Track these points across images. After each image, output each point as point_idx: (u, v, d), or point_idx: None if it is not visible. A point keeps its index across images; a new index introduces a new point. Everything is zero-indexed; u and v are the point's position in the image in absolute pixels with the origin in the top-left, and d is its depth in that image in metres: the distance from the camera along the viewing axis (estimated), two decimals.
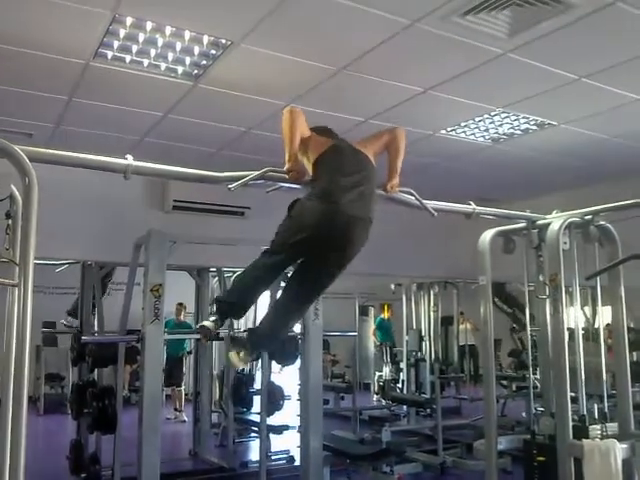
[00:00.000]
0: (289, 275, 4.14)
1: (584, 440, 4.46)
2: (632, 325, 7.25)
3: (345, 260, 3.89)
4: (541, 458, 4.81)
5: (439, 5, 3.86)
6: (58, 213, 5.77)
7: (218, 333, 7.40)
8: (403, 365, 12.86)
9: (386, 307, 14.91)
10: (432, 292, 12.40)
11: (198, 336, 9.44)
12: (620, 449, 4.41)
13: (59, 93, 5.23)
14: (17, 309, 2.68)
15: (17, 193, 2.93)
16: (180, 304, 12.05)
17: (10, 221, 2.92)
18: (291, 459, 8.46)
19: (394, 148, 4.50)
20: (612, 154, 7.02)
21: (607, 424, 4.70)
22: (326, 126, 4.29)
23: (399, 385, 12.97)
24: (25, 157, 2.85)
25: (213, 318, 3.86)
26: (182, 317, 12.29)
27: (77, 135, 6.18)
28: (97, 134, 6.20)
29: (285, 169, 4.20)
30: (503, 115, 5.89)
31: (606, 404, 4.86)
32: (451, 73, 4.93)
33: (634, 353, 7.69)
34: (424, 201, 4.79)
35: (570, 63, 4.77)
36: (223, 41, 4.36)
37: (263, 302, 4.67)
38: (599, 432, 4.63)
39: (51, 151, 3.53)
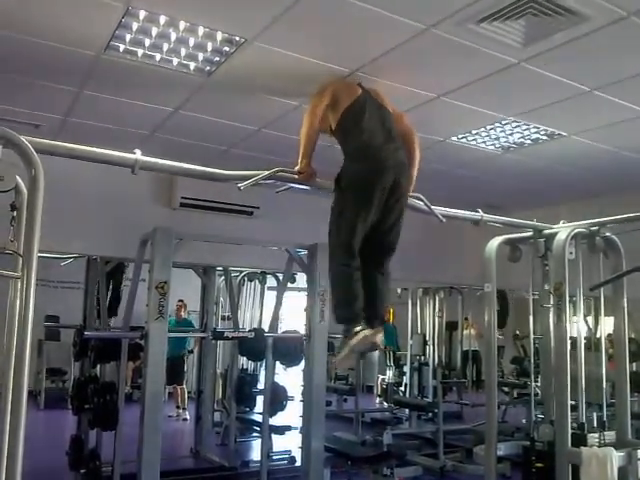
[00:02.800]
0: None
1: (582, 447, 4.51)
2: (633, 336, 7.25)
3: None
4: (539, 464, 4.87)
5: (455, 11, 3.84)
6: (64, 206, 5.78)
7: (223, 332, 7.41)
8: (406, 369, 12.86)
9: (390, 311, 14.87)
10: (437, 297, 12.43)
11: (200, 334, 9.49)
12: (617, 457, 4.47)
13: (69, 85, 5.21)
14: (19, 302, 2.69)
15: (22, 185, 2.93)
16: (181, 301, 12.05)
17: (15, 213, 2.90)
18: (292, 459, 8.47)
19: (409, 142, 4.55)
20: (621, 167, 7.00)
21: (605, 432, 4.74)
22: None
23: (402, 388, 12.95)
24: (31, 148, 2.85)
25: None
26: (183, 314, 12.30)
27: (86, 128, 6.16)
28: (106, 128, 6.18)
29: (296, 169, 4.21)
30: (514, 124, 5.87)
31: (605, 413, 4.89)
32: (464, 80, 4.91)
33: (634, 363, 7.69)
34: (433, 207, 4.81)
35: (582, 75, 4.75)
36: (237, 38, 4.35)
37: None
38: (597, 440, 4.67)
39: (58, 143, 3.53)
